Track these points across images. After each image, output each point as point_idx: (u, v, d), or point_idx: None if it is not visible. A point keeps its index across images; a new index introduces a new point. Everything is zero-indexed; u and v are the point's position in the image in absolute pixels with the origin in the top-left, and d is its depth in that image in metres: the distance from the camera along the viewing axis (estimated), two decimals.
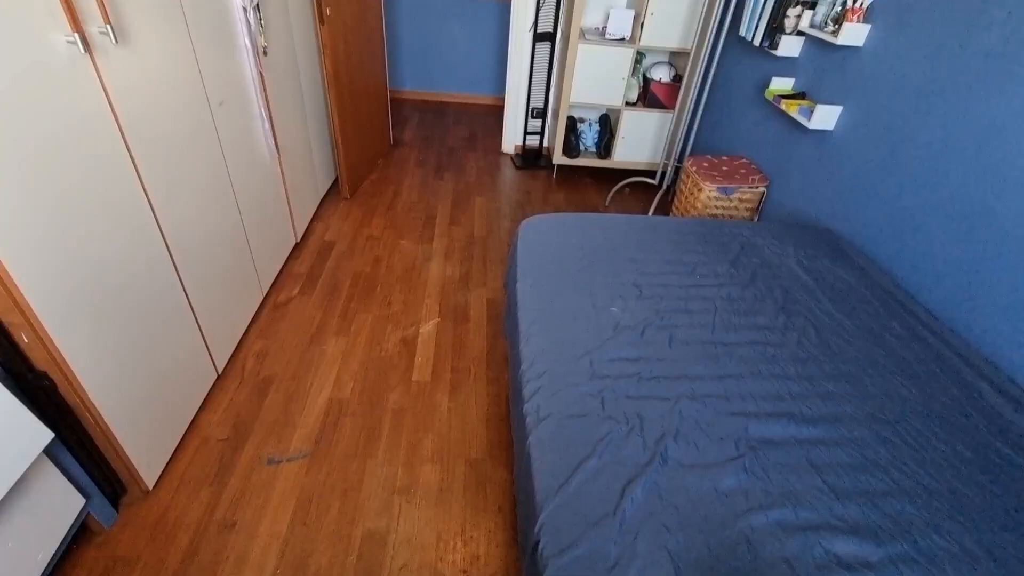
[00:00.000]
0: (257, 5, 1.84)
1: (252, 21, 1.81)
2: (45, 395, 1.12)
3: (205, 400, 1.71)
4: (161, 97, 1.38)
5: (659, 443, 1.09)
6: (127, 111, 1.25)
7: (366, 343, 2.01)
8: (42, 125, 1.03)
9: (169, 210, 1.44)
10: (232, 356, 1.89)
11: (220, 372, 1.80)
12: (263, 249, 2.10)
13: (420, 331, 2.09)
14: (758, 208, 2.47)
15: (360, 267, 2.42)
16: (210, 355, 1.72)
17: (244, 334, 1.98)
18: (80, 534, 1.31)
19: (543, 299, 1.48)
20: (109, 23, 1.14)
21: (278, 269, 2.30)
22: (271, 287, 2.23)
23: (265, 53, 1.96)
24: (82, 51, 1.09)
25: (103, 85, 1.17)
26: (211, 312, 1.70)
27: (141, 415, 1.38)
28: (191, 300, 1.58)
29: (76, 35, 1.07)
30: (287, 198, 2.32)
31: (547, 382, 1.22)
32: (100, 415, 1.23)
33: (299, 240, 2.53)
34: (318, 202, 2.83)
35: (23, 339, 1.06)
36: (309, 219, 2.68)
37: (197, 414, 1.67)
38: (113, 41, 1.17)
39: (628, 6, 3.11)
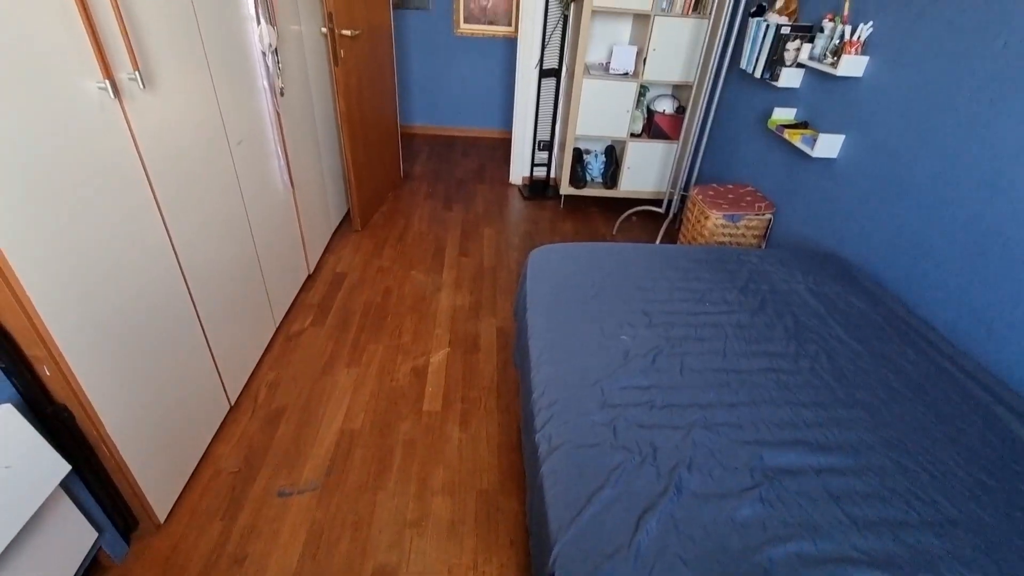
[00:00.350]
0: (275, 49, 1.93)
1: (270, 64, 1.90)
2: (64, 428, 1.13)
3: (217, 432, 1.72)
4: (183, 137, 1.45)
5: (673, 473, 1.08)
6: (151, 150, 1.31)
7: (377, 373, 2.02)
8: (71, 166, 1.08)
9: (188, 244, 1.49)
10: (245, 387, 1.90)
11: (233, 403, 1.81)
12: (277, 281, 2.14)
13: (431, 361, 2.10)
14: (765, 235, 2.48)
15: (371, 298, 2.45)
16: (223, 386, 1.73)
17: (257, 365, 2.00)
18: (91, 568, 1.31)
19: (553, 327, 1.49)
20: (138, 69, 1.21)
21: (291, 300, 2.34)
22: (284, 318, 2.26)
23: (282, 94, 2.05)
24: (112, 96, 1.15)
25: (130, 127, 1.23)
26: (225, 344, 1.73)
27: (155, 448, 1.39)
28: (206, 332, 1.60)
29: (107, 81, 1.13)
30: (301, 231, 2.37)
31: (558, 411, 1.22)
32: (116, 448, 1.24)
33: (312, 272, 2.58)
34: (330, 234, 2.89)
35: (45, 372, 1.09)
36: (322, 251, 2.73)
37: (209, 446, 1.67)
38: (141, 86, 1.24)
39: (631, 43, 3.21)
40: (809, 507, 1.03)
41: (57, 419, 1.12)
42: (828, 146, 2.06)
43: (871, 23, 1.87)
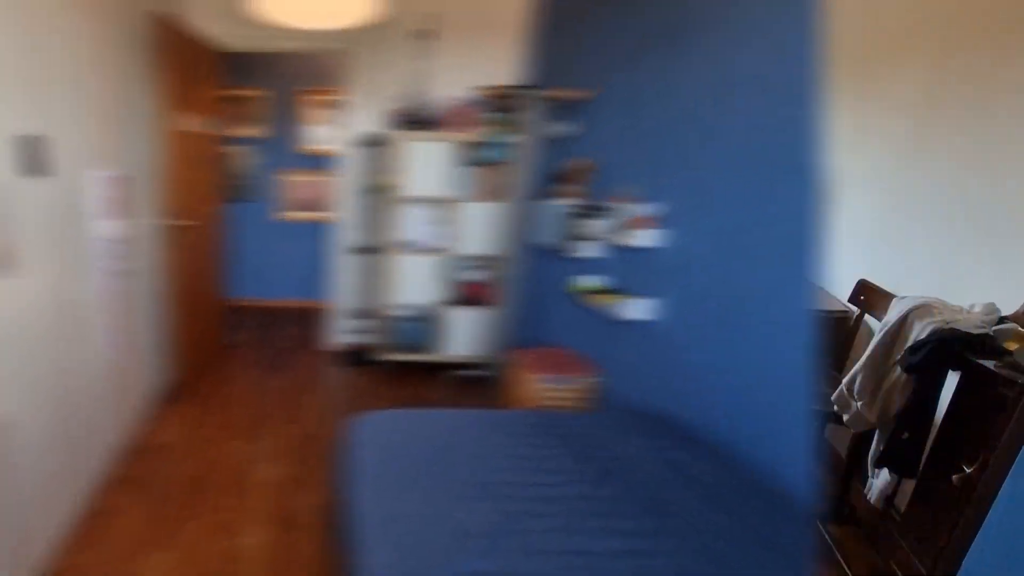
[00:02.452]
0: (120, 238, 2.04)
1: (113, 251, 1.93)
2: None
3: None
4: (23, 316, 1.49)
5: None
6: None
7: (189, 558, 1.78)
8: None
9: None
10: None
11: None
12: (93, 455, 2.02)
13: (246, 543, 1.85)
14: (594, 397, 2.40)
15: (190, 470, 2.26)
16: None
17: (53, 551, 1.68)
18: None
19: (380, 503, 1.31)
20: None
21: (105, 475, 2.11)
22: (96, 495, 2.00)
23: (120, 274, 2.05)
24: None
25: None
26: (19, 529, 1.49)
27: None
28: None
29: None
30: (124, 403, 2.30)
31: None
32: None
33: (131, 445, 2.35)
34: (154, 405, 2.70)
35: None
36: (143, 422, 2.54)
37: None
38: None
39: (437, 223, 3.35)
40: None
41: None
42: (638, 309, 2.04)
43: (653, 204, 2.00)
